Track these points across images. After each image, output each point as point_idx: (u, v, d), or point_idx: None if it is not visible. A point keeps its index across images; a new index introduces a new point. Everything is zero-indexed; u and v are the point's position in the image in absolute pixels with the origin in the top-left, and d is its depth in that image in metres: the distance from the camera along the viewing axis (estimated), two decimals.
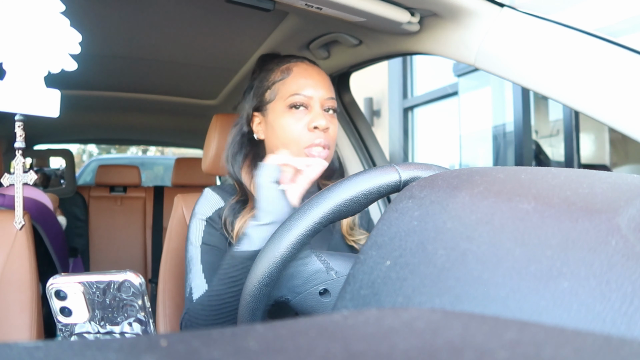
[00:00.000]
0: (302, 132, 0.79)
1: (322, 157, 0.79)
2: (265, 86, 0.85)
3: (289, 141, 0.80)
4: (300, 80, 0.82)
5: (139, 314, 0.46)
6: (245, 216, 0.82)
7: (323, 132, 0.80)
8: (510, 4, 0.74)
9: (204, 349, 0.14)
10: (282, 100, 0.81)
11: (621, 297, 0.20)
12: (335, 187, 0.44)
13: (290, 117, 0.80)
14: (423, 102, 4.36)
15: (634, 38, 2.05)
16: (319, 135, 0.79)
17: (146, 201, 2.56)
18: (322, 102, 0.82)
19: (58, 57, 0.63)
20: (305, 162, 0.73)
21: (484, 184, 0.30)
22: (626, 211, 0.24)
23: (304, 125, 0.80)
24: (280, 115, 0.81)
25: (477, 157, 3.45)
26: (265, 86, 0.85)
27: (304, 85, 0.81)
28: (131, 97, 1.84)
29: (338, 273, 0.48)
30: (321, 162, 0.74)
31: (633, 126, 0.59)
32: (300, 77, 0.82)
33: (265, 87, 0.85)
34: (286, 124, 0.80)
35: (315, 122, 0.79)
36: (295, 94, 0.80)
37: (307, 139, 0.79)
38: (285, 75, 0.83)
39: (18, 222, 0.81)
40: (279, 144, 0.81)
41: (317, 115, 0.80)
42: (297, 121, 0.80)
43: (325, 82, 0.84)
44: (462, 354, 0.13)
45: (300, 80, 0.82)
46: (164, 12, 1.03)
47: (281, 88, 0.82)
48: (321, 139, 0.79)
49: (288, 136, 0.80)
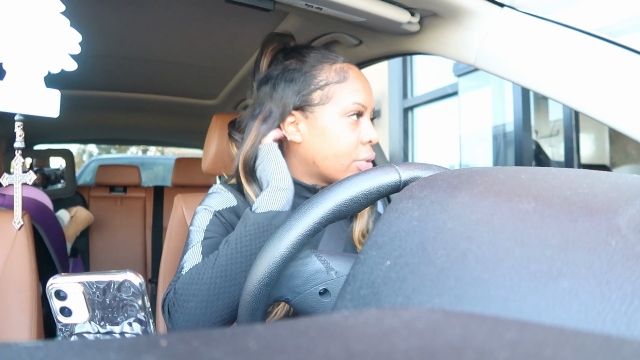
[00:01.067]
0: (357, 145, 0.76)
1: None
2: (315, 85, 0.76)
3: (342, 152, 0.75)
4: (359, 86, 0.76)
5: (139, 314, 0.46)
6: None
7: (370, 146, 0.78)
8: (510, 4, 0.74)
9: (204, 349, 0.14)
10: (338, 105, 0.75)
11: (621, 297, 0.20)
12: (335, 187, 0.44)
13: (346, 126, 0.75)
14: (423, 102, 4.36)
15: (634, 38, 2.04)
16: (369, 149, 0.77)
17: (146, 201, 2.56)
18: (370, 112, 0.79)
19: (58, 57, 0.63)
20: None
21: (484, 184, 0.30)
22: (626, 211, 0.24)
23: (357, 137, 0.75)
24: (335, 122, 0.75)
25: (477, 157, 3.45)
26: (316, 84, 0.76)
27: (363, 93, 0.76)
28: (131, 97, 1.85)
29: (338, 273, 0.48)
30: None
31: (633, 126, 0.59)
32: (358, 82, 0.77)
33: (315, 85, 0.76)
34: (342, 134, 0.74)
35: (370, 136, 0.76)
36: (356, 103, 0.75)
37: (359, 152, 0.76)
38: (342, 79, 0.76)
39: (17, 222, 0.81)
40: (328, 153, 0.75)
41: (370, 128, 0.76)
42: (352, 132, 0.75)
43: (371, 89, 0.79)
44: (462, 354, 0.13)
45: (358, 86, 0.76)
46: (164, 12, 1.03)
47: (338, 92, 0.75)
48: (370, 152, 0.77)
49: (342, 147, 0.75)
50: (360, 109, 0.76)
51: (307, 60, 0.78)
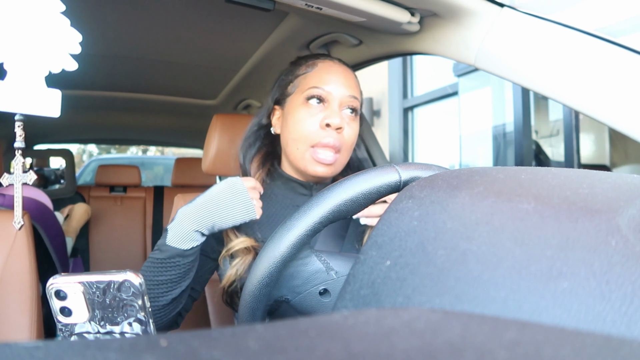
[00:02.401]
0: (313, 128, 0.75)
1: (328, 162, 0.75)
2: (288, 79, 0.82)
3: (298, 136, 0.76)
4: (323, 74, 0.78)
5: (139, 314, 0.46)
6: None
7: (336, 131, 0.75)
8: (510, 4, 0.74)
9: (204, 349, 0.14)
10: (301, 93, 0.78)
11: (621, 297, 0.20)
12: (335, 187, 0.44)
13: (305, 110, 0.76)
14: (423, 102, 4.36)
15: (634, 38, 2.05)
16: (330, 135, 0.74)
17: (146, 201, 2.56)
18: (342, 101, 0.77)
19: (59, 57, 0.63)
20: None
21: (484, 184, 0.30)
22: (626, 211, 0.24)
23: (317, 122, 0.75)
24: (295, 109, 0.77)
25: (477, 157, 3.44)
26: (289, 79, 0.82)
27: (326, 80, 0.77)
28: (131, 97, 1.85)
29: (338, 273, 0.48)
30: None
31: (633, 126, 0.59)
32: (323, 71, 0.79)
33: (288, 80, 0.82)
34: (300, 118, 0.76)
35: (329, 120, 0.74)
36: (314, 87, 0.76)
37: (316, 136, 0.75)
38: (310, 70, 0.80)
39: (17, 222, 0.81)
40: (289, 139, 0.78)
41: (332, 112, 0.75)
42: (310, 116, 0.75)
43: (350, 81, 0.79)
44: (462, 354, 0.13)
45: (322, 74, 0.78)
46: (164, 12, 1.03)
47: (302, 81, 0.79)
48: (332, 138, 0.74)
49: (298, 131, 0.76)
50: (319, 93, 0.76)
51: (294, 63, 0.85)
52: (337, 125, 0.74)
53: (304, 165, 0.77)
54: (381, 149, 1.37)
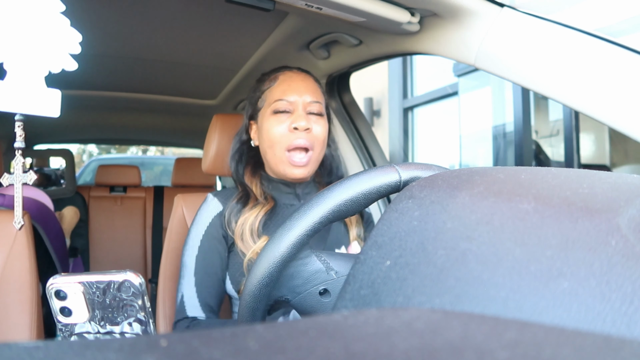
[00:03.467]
0: (284, 134, 0.83)
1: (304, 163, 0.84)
2: (257, 95, 0.91)
3: (273, 143, 0.85)
4: (284, 86, 0.87)
5: (139, 314, 0.46)
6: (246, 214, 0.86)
7: (305, 132, 0.83)
8: (510, 4, 0.74)
9: (204, 349, 0.14)
10: (269, 106, 0.87)
11: (621, 297, 0.20)
12: (335, 187, 0.44)
13: (274, 120, 0.85)
14: (423, 102, 4.36)
15: (634, 38, 2.05)
16: (299, 136, 0.82)
17: (146, 201, 2.56)
18: (305, 106, 0.85)
19: (58, 57, 0.63)
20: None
21: (484, 184, 0.30)
22: (626, 211, 0.24)
23: (286, 127, 0.84)
24: (266, 120, 0.86)
25: (477, 157, 3.44)
26: (257, 95, 0.91)
27: (287, 91, 0.86)
28: (131, 97, 1.84)
29: (338, 273, 0.48)
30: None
31: (633, 126, 0.59)
32: (284, 84, 0.87)
33: (257, 96, 0.91)
34: (270, 127, 0.85)
35: (295, 123, 0.82)
36: (278, 100, 0.85)
37: (287, 139, 0.83)
38: (272, 84, 0.89)
39: (17, 222, 0.81)
40: (266, 148, 0.87)
41: (297, 117, 0.83)
42: (279, 124, 0.84)
43: (310, 88, 0.88)
44: (462, 354, 0.13)
45: (283, 86, 0.87)
46: (164, 12, 1.03)
47: (268, 95, 0.88)
48: (302, 139, 0.82)
49: (272, 138, 0.84)
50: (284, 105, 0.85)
51: (258, 79, 0.94)
52: (305, 127, 0.83)
53: (283, 170, 0.86)
54: (381, 149, 1.37)
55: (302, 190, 0.92)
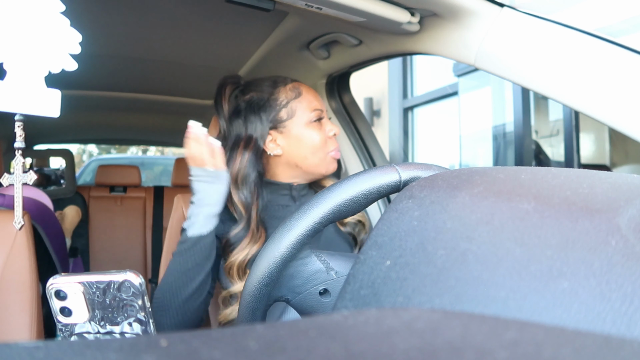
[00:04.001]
0: (325, 140, 0.92)
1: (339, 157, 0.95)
2: (280, 106, 0.91)
3: (317, 149, 0.91)
4: (311, 97, 0.94)
5: (139, 314, 0.46)
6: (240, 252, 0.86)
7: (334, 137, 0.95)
8: (510, 4, 0.74)
9: (204, 349, 0.14)
10: (304, 114, 0.91)
11: (621, 297, 0.20)
12: (335, 187, 0.44)
13: (314, 129, 0.91)
14: (423, 102, 4.36)
15: (634, 38, 2.04)
16: (334, 141, 0.95)
17: (146, 201, 2.56)
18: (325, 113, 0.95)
19: (58, 57, 0.63)
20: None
21: (484, 184, 0.30)
22: (626, 211, 0.24)
23: (324, 134, 0.92)
24: (305, 129, 0.91)
25: (477, 157, 3.45)
26: (280, 106, 0.91)
27: (315, 101, 0.93)
28: (131, 97, 1.84)
29: (338, 273, 0.48)
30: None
31: (633, 126, 0.59)
32: (309, 94, 0.94)
33: (280, 106, 0.91)
34: (313, 136, 0.91)
35: (333, 130, 0.93)
36: (316, 109, 0.92)
37: (330, 145, 0.93)
38: (298, 94, 0.93)
39: (17, 222, 0.81)
40: (307, 154, 0.91)
41: (330, 125, 0.94)
42: (319, 132, 0.92)
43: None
44: (462, 354, 0.13)
45: (310, 97, 0.93)
46: (164, 12, 1.03)
47: (298, 106, 0.92)
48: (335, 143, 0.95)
49: (316, 145, 0.91)
50: (320, 114, 0.92)
51: (264, 89, 0.93)
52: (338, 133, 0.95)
53: (326, 169, 0.93)
54: (381, 149, 1.37)
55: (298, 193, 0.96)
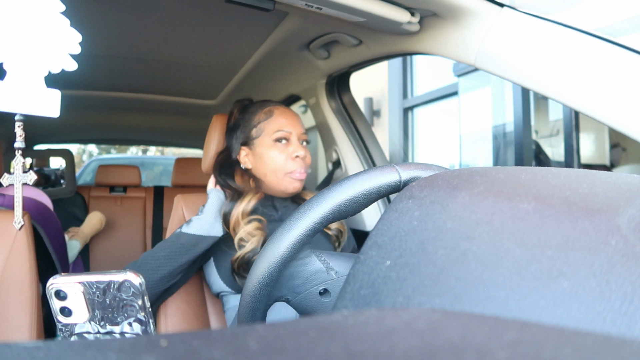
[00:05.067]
0: (287, 161, 0.99)
1: (303, 178, 1.01)
2: (251, 125, 1.03)
3: (275, 169, 0.99)
4: (281, 119, 1.01)
5: (139, 314, 0.46)
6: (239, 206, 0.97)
7: (302, 160, 0.99)
8: (510, 4, 0.74)
9: (204, 349, 0.14)
10: (269, 136, 1.00)
11: (621, 297, 0.20)
12: (335, 187, 0.44)
13: (276, 150, 0.99)
14: (423, 102, 4.36)
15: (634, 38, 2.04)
16: (299, 164, 0.99)
17: (146, 201, 2.55)
18: (299, 137, 1.02)
19: (58, 57, 0.63)
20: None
21: (484, 184, 0.30)
22: (626, 211, 0.24)
23: (287, 156, 0.99)
24: (268, 148, 1.00)
25: (477, 157, 3.44)
26: (252, 125, 1.03)
27: (285, 124, 1.01)
28: (131, 97, 1.84)
29: (338, 273, 0.48)
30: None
31: (633, 126, 0.59)
32: (282, 117, 1.02)
33: (251, 126, 1.03)
34: (274, 155, 0.99)
35: (297, 152, 0.98)
36: (279, 130, 1.00)
37: (290, 166, 0.99)
38: (269, 116, 1.02)
39: (17, 222, 0.81)
40: (266, 171, 1.00)
41: (297, 147, 1.00)
42: (281, 152, 0.99)
43: (300, 121, 1.05)
44: (462, 354, 0.13)
45: (281, 119, 1.01)
46: (164, 12, 1.03)
47: (266, 127, 1.01)
48: (299, 166, 0.99)
49: (275, 165, 0.99)
50: (284, 134, 1.00)
51: (247, 111, 1.06)
52: (303, 156, 1.00)
53: (285, 187, 1.00)
54: (381, 149, 1.37)
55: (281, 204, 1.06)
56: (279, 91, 1.60)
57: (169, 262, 0.91)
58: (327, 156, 1.45)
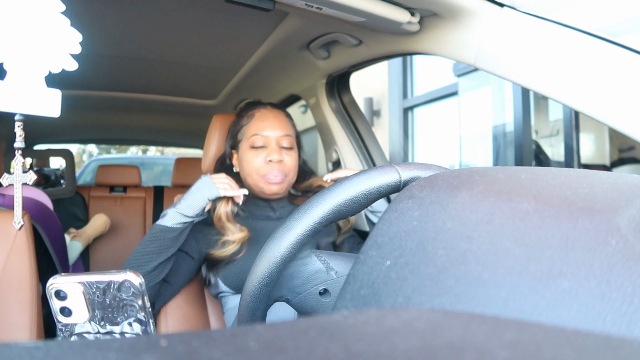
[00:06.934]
0: (260, 165, 1.00)
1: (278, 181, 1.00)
2: (237, 129, 1.06)
3: (252, 171, 1.01)
4: (259, 123, 1.02)
5: (139, 314, 0.46)
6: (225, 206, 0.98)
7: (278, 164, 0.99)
8: (510, 4, 0.74)
9: (204, 349, 0.14)
10: (247, 140, 1.02)
11: (621, 297, 0.20)
12: (335, 187, 0.44)
13: (252, 153, 1.01)
14: (423, 102, 4.36)
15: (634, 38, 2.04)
16: (274, 167, 0.99)
17: (146, 201, 2.55)
18: (278, 140, 1.01)
19: (59, 57, 0.63)
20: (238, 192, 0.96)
21: (484, 184, 0.30)
22: (626, 211, 0.24)
23: (262, 160, 1.00)
24: (245, 152, 1.02)
25: (477, 157, 3.44)
26: (237, 129, 1.06)
27: (262, 127, 1.02)
28: (131, 97, 1.84)
29: (338, 273, 0.48)
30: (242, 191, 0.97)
31: (633, 126, 0.59)
32: (259, 120, 1.03)
33: (237, 130, 1.06)
34: (249, 159, 1.01)
35: (270, 157, 0.99)
36: (254, 135, 1.01)
37: (263, 170, 0.99)
38: (250, 120, 1.04)
39: (17, 222, 0.81)
40: (245, 174, 1.02)
41: (272, 151, 1.00)
42: (256, 156, 1.00)
43: (281, 123, 1.04)
44: (462, 354, 0.13)
45: (259, 123, 1.02)
46: (164, 12, 1.03)
47: (246, 131, 1.04)
48: (276, 170, 0.99)
49: (251, 167, 1.01)
50: (260, 139, 1.01)
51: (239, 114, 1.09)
52: (278, 160, 0.99)
53: (261, 188, 1.01)
54: (381, 148, 1.37)
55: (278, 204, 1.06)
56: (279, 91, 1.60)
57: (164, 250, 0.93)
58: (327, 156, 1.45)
